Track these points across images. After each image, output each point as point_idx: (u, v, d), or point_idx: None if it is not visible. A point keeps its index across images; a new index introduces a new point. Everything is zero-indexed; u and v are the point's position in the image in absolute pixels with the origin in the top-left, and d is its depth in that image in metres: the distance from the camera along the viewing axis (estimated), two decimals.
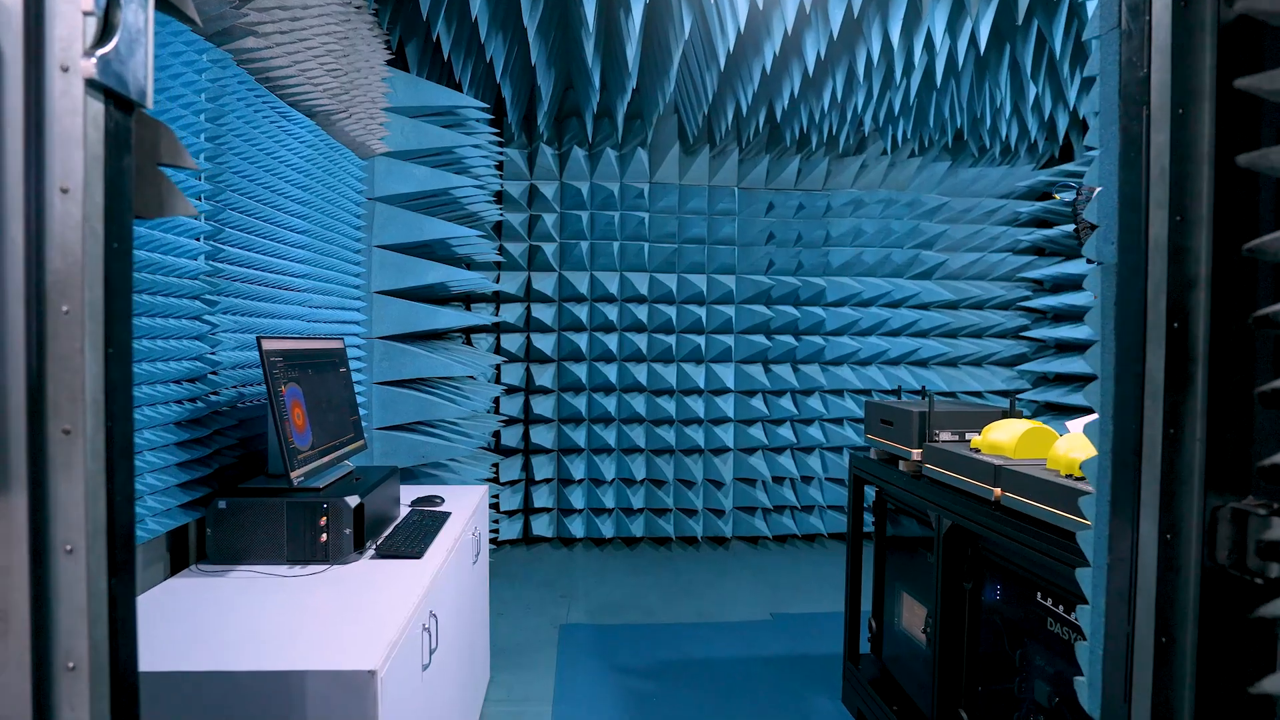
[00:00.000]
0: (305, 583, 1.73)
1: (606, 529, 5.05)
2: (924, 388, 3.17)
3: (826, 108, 4.18)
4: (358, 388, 3.09)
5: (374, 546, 1.99)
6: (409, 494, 2.63)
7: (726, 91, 4.23)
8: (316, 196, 2.68)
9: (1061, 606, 1.75)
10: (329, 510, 1.84)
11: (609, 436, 5.05)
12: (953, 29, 3.32)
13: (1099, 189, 1.10)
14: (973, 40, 3.52)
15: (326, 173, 2.77)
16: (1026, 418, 2.34)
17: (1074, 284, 5.14)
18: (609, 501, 5.05)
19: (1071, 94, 3.99)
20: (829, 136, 4.86)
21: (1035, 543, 1.73)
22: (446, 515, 2.36)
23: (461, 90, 3.88)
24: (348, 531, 1.85)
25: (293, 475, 1.78)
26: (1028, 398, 5.51)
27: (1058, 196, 2.51)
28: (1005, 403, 5.52)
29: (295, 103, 2.53)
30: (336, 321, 2.94)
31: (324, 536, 1.83)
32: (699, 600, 4.08)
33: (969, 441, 2.38)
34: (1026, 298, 5.54)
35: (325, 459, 2.01)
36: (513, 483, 5.00)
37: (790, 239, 5.22)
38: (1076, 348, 5.13)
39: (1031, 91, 3.87)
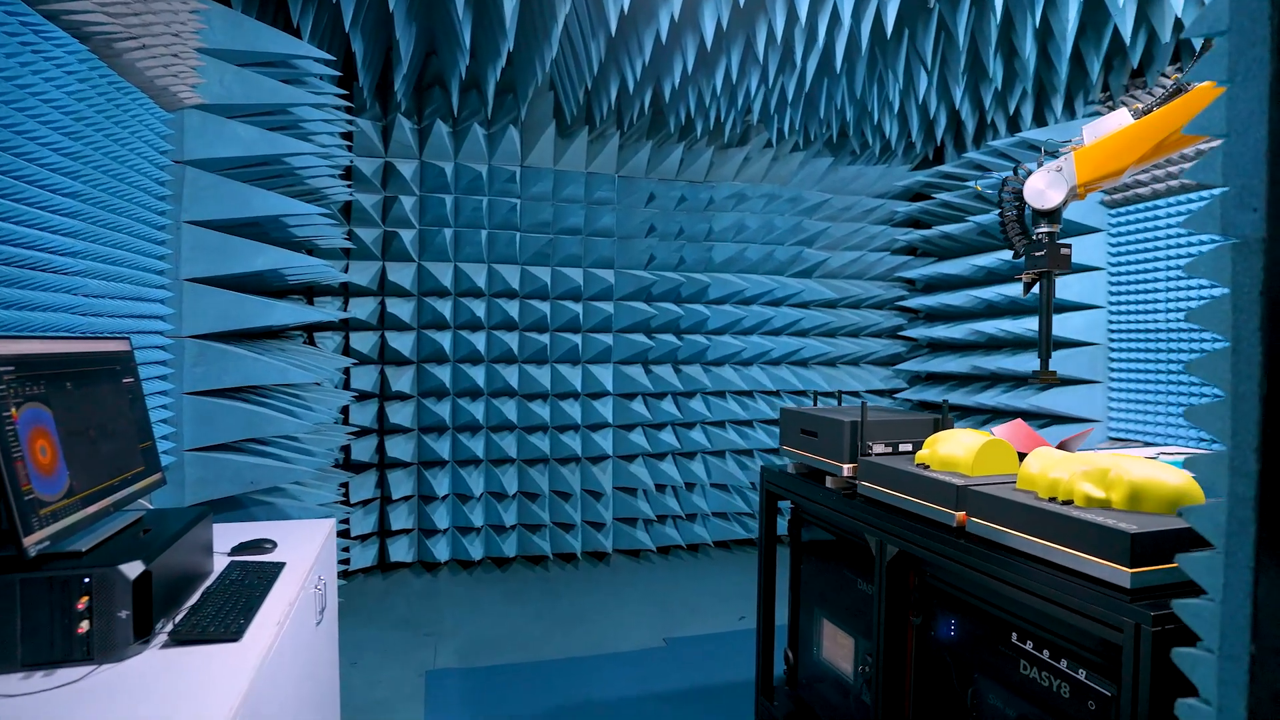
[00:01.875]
0: (50, 701, 1.17)
1: (475, 550, 4.52)
2: (848, 394, 2.95)
3: (719, 88, 3.90)
4: (160, 400, 2.42)
5: (168, 629, 1.43)
6: (230, 537, 2.04)
7: (611, 66, 3.85)
8: (95, 150, 2.02)
9: (1046, 650, 1.51)
10: (93, 586, 1.27)
11: (476, 447, 4.53)
12: (859, 9, 3.14)
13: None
14: (878, 21, 3.36)
15: (111, 120, 2.10)
16: (964, 428, 2.13)
17: (946, 284, 5.21)
18: (477, 519, 4.53)
19: (958, 93, 3.98)
20: (714, 125, 4.61)
21: (1020, 579, 1.48)
22: (279, 566, 1.81)
23: (300, 39, 3.24)
24: (124, 614, 1.29)
25: (29, 541, 1.19)
26: (903, 397, 5.56)
27: (979, 188, 2.42)
28: (900, 405, 5.54)
29: (57, 15, 1.87)
30: (129, 315, 2.27)
31: (85, 625, 1.26)
32: (585, 628, 3.67)
33: (904, 454, 2.14)
34: (902, 297, 5.59)
35: (92, 508, 1.42)
36: (366, 502, 4.36)
37: (672, 232, 4.93)
38: (950, 347, 5.20)
39: (923, 84, 3.80)
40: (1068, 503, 1.47)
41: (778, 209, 5.16)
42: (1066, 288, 4.16)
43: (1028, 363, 4.31)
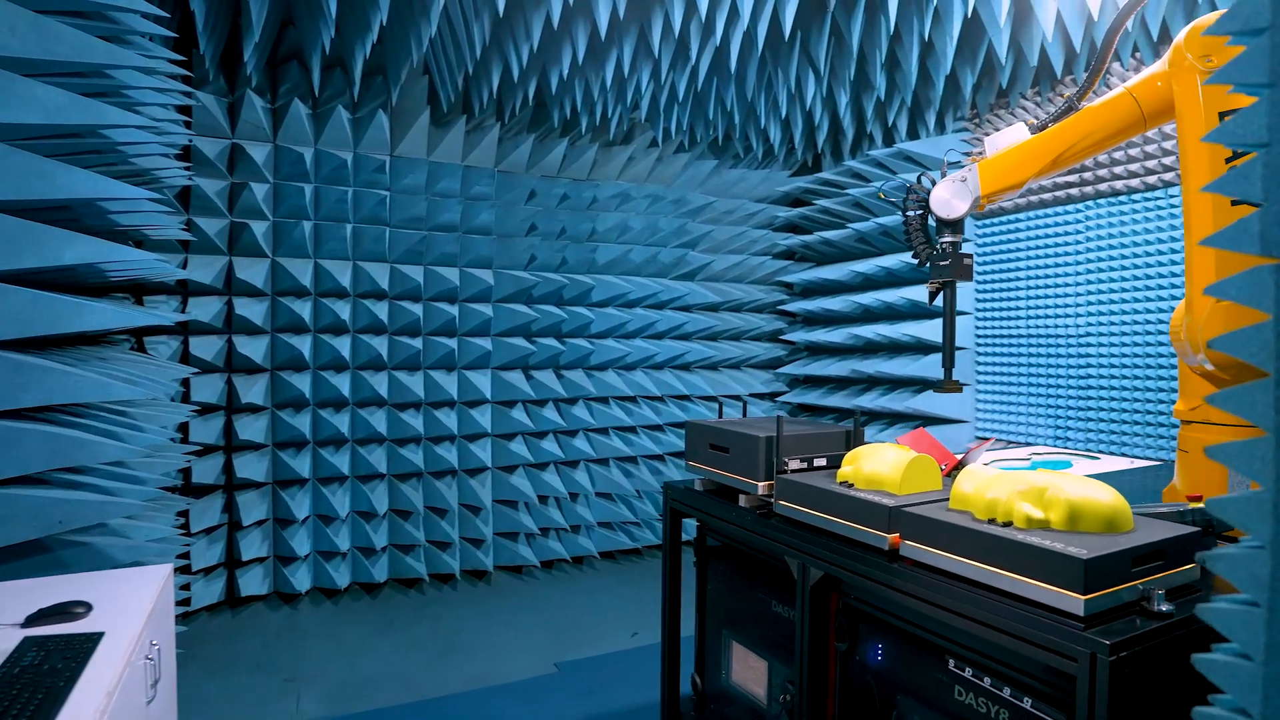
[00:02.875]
0: None
1: (340, 576, 4.10)
2: (730, 398, 2.85)
3: (608, 82, 3.72)
4: None
5: None
6: (26, 600, 1.63)
7: (494, 51, 3.58)
8: None
9: (987, 678, 1.45)
10: None
11: (341, 462, 4.11)
12: (758, 7, 3.07)
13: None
14: (775, 21, 3.31)
15: None
16: (876, 442, 2.08)
17: (825, 289, 5.33)
18: (342, 542, 4.11)
19: (843, 101, 4.04)
20: (600, 121, 4.43)
21: (962, 605, 1.41)
22: (95, 638, 1.45)
23: None
24: None
25: None
26: (784, 400, 5.63)
27: (882, 194, 2.43)
28: (782, 407, 5.59)
29: None
30: None
31: None
32: (468, 658, 3.39)
33: (820, 469, 2.06)
34: (782, 301, 5.66)
35: None
36: (210, 530, 3.83)
37: (554, 231, 4.72)
38: (828, 351, 5.32)
39: (811, 90, 3.81)
40: (1008, 524, 1.41)
41: (662, 210, 5.06)
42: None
43: (904, 366, 4.46)
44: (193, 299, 3.76)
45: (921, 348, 4.48)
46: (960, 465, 2.03)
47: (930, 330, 4.32)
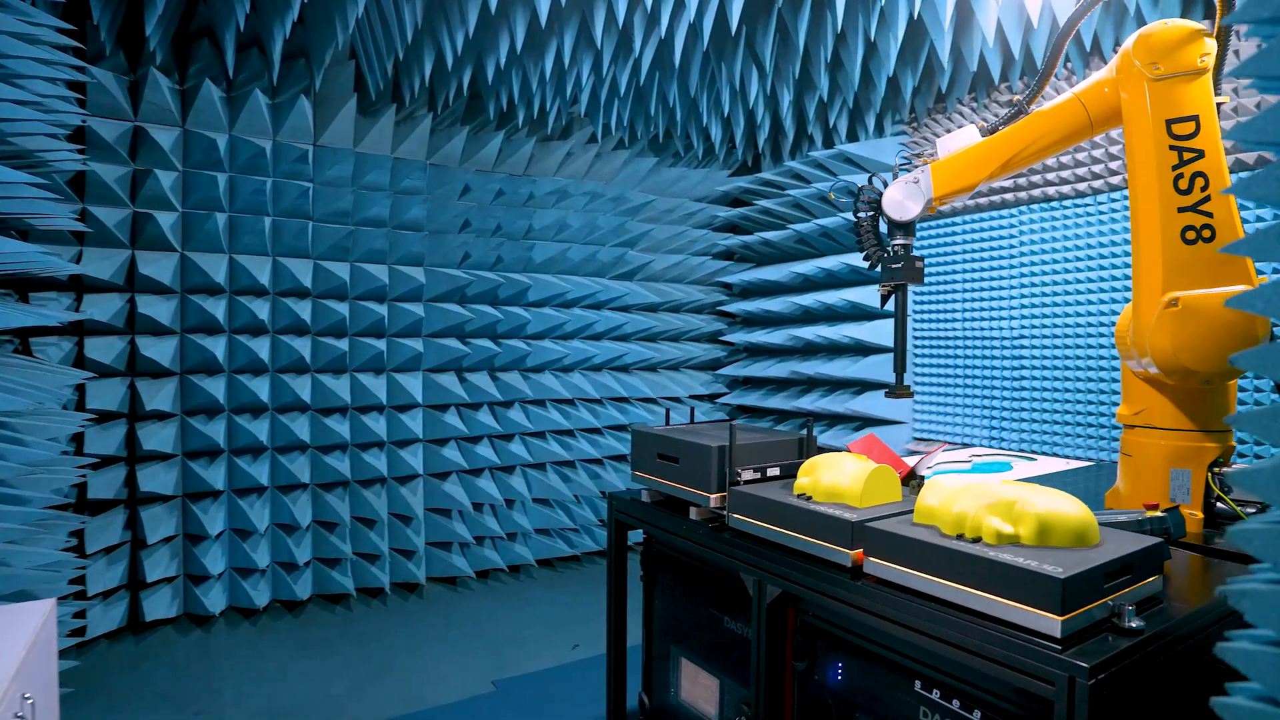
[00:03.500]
0: None
1: (260, 595, 3.83)
2: (669, 399, 2.76)
3: (548, 73, 3.57)
4: None
5: None
6: None
7: (427, 37, 3.39)
8: None
9: (956, 700, 1.39)
10: None
11: (259, 472, 3.84)
12: (704, 1, 2.98)
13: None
14: (721, 15, 3.23)
15: None
16: (831, 451, 2.02)
17: (764, 290, 5.31)
18: (261, 558, 3.84)
19: (786, 101, 4.00)
20: (538, 114, 4.28)
21: (931, 626, 1.34)
22: None
23: None
24: None
25: None
26: (724, 402, 5.59)
27: (830, 195, 2.39)
28: (721, 409, 5.54)
29: None
30: None
31: None
32: (400, 678, 3.19)
33: (773, 479, 1.98)
34: (722, 302, 5.62)
35: None
36: (109, 550, 3.51)
37: (489, 228, 4.54)
38: (768, 352, 5.31)
39: (754, 89, 3.76)
40: (977, 539, 1.36)
41: (601, 208, 4.94)
42: (877, 296, 4.36)
43: (844, 368, 4.47)
44: (88, 296, 3.43)
45: (861, 349, 4.50)
46: (913, 473, 1.99)
47: (869, 332, 4.34)
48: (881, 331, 4.33)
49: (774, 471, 2.01)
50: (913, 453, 4.21)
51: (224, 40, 3.27)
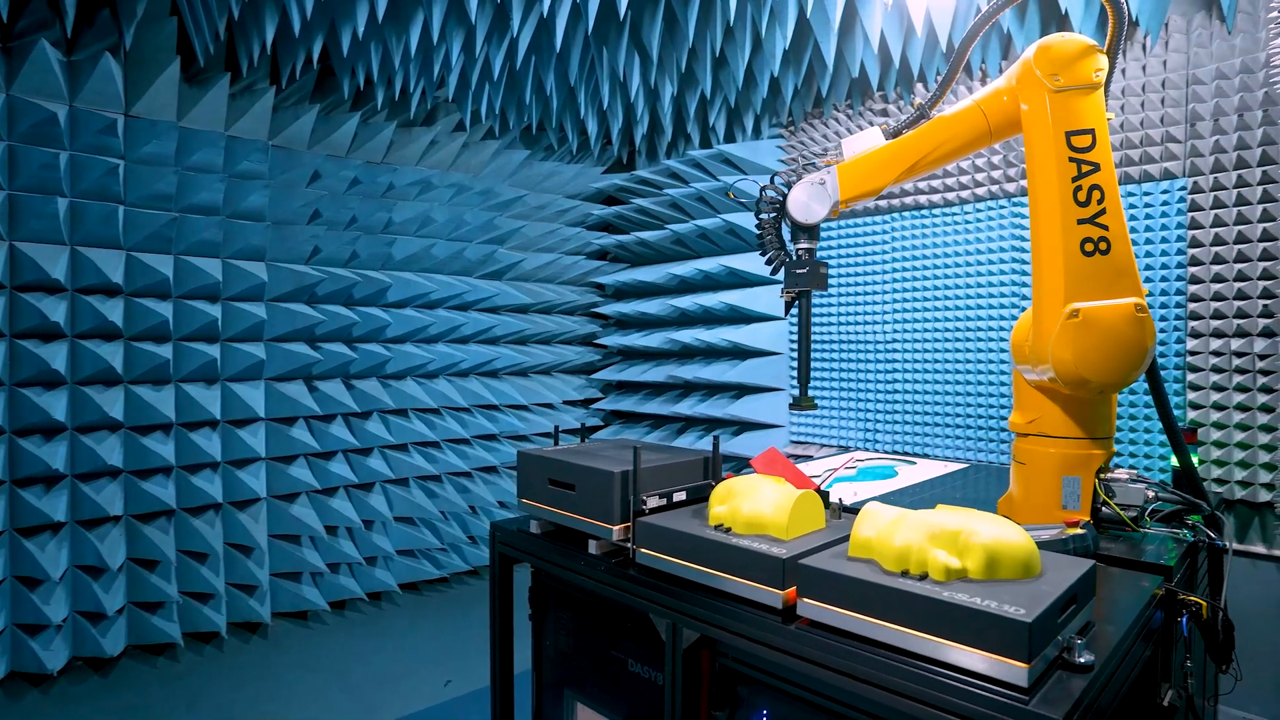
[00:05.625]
0: None
1: (54, 656, 3.19)
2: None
3: (412, 49, 3.21)
4: None
5: None
6: None
7: None
8: None
9: None
10: None
11: (54, 506, 3.21)
12: None
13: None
14: (610, 4, 3.01)
15: None
16: (746, 475, 1.87)
17: (640, 291, 5.17)
18: (56, 611, 3.20)
19: (667, 96, 3.85)
20: (399, 96, 3.88)
21: (877, 674, 1.21)
22: None
23: None
24: None
25: None
26: (599, 407, 5.40)
27: (731, 195, 2.26)
28: (595, 414, 5.32)
29: None
30: None
31: None
32: None
33: (680, 504, 1.80)
34: (596, 303, 5.43)
35: None
36: None
37: (343, 220, 4.08)
38: (644, 355, 5.17)
39: (636, 81, 3.58)
40: (923, 576, 1.24)
41: (468, 202, 4.60)
42: (755, 300, 4.34)
43: (722, 372, 4.41)
44: None
45: (740, 353, 4.46)
46: (822, 492, 1.88)
47: (748, 335, 4.30)
48: (757, 335, 4.30)
49: (680, 496, 1.84)
50: (793, 456, 4.21)
51: None
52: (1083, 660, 1.16)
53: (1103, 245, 1.81)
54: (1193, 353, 2.91)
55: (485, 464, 4.74)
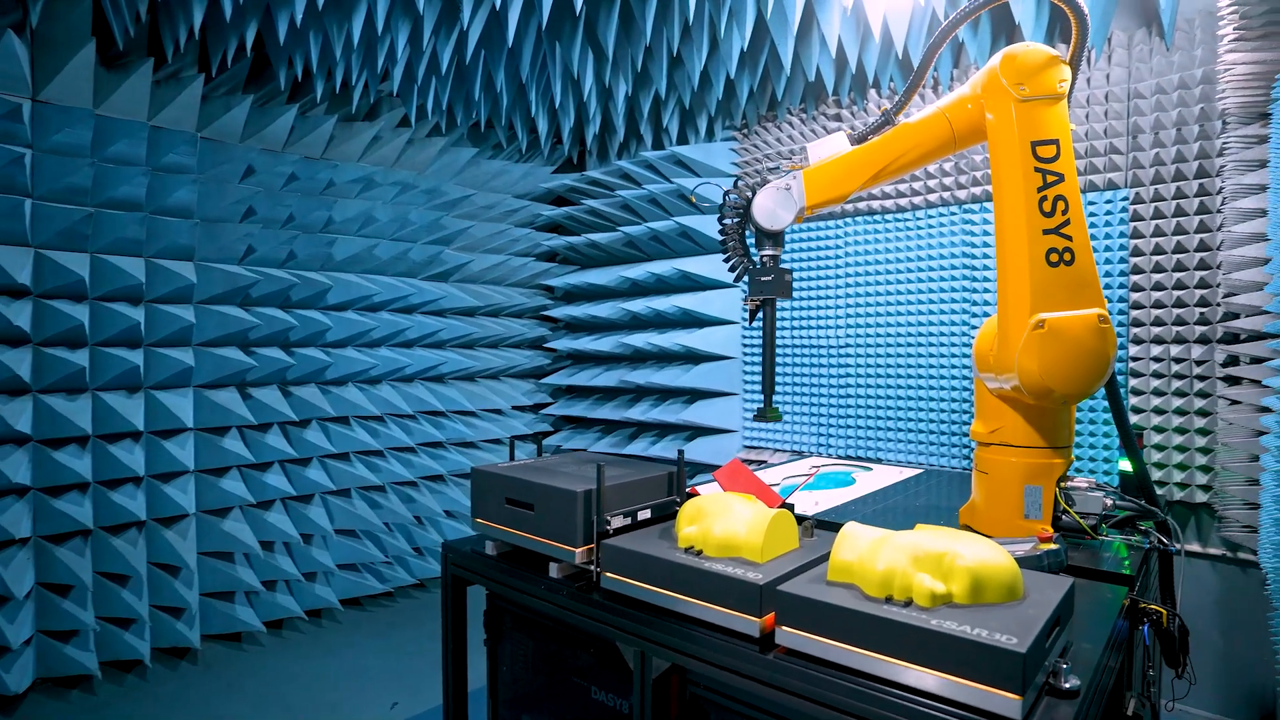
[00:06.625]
0: None
1: None
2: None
3: (355, 38, 3.04)
4: None
5: None
6: None
7: None
8: None
9: None
10: None
11: None
12: None
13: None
14: None
15: None
16: (712, 492, 1.81)
17: (591, 294, 5.08)
18: None
19: (620, 95, 3.77)
20: (340, 88, 3.70)
21: (861, 706, 1.15)
22: None
23: None
24: None
25: None
26: (548, 413, 5.28)
27: (693, 200, 2.21)
28: (544, 420, 5.19)
29: None
30: None
31: None
32: None
33: (645, 523, 1.73)
34: (545, 306, 5.31)
35: None
36: None
37: (279, 218, 3.87)
38: (595, 359, 5.08)
39: (589, 79, 3.49)
40: (908, 602, 1.19)
41: (413, 201, 4.43)
42: (709, 303, 4.30)
43: (675, 377, 4.35)
44: None
45: (693, 357, 4.40)
46: (789, 506, 1.83)
47: (701, 340, 4.25)
48: (710, 339, 4.26)
49: (645, 514, 1.76)
50: (748, 462, 4.18)
51: None
52: (1068, 685, 1.14)
53: (1067, 256, 1.81)
54: (1134, 358, 2.99)
55: (431, 472, 4.58)
